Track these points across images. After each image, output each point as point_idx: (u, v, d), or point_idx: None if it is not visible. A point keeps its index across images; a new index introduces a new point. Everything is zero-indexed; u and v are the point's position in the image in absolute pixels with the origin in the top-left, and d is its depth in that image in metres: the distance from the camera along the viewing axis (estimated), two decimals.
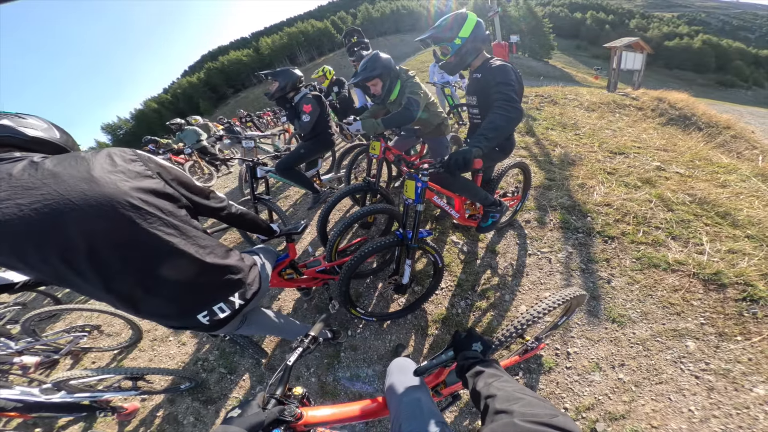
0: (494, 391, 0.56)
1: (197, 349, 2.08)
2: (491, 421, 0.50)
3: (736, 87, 48.89)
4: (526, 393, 0.54)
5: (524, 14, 35.33)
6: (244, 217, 1.11)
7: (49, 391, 1.45)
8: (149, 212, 0.73)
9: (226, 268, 0.90)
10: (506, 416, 0.48)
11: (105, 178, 0.70)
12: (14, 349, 1.77)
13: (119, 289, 0.76)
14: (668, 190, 2.41)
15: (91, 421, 1.77)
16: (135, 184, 0.73)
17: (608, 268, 1.91)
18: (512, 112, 1.35)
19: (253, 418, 0.54)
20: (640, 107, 5.00)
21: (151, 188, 0.76)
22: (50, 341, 2.08)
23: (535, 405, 0.49)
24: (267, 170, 2.57)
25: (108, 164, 0.73)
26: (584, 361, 1.50)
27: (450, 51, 1.52)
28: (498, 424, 0.47)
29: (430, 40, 1.57)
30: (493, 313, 1.80)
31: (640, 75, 7.08)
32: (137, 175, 0.75)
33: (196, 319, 0.87)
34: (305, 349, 0.76)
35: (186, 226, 0.82)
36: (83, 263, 0.69)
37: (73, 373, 1.46)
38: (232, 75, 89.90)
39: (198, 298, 0.87)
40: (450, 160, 1.26)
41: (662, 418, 1.25)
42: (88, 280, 0.72)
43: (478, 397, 0.59)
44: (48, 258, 0.67)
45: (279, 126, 8.26)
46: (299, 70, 2.51)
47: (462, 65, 1.57)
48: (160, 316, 0.86)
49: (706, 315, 1.56)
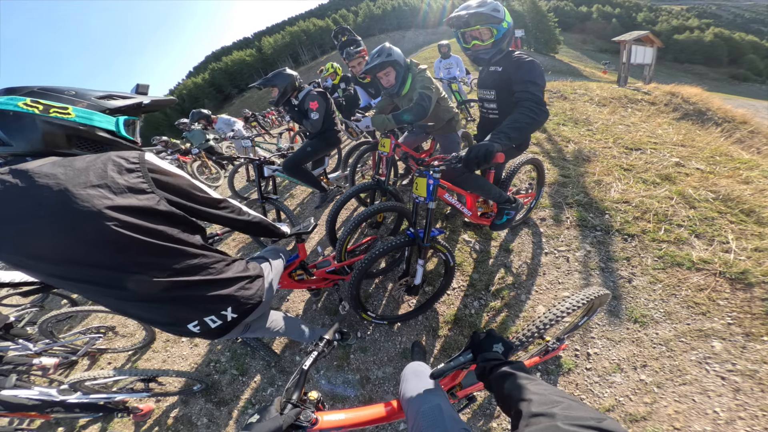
0: (528, 395, 0.52)
1: (209, 351, 2.07)
2: (527, 425, 0.46)
3: (749, 81, 47.69)
4: (563, 396, 0.51)
5: (528, 9, 34.81)
6: (258, 225, 1.07)
7: (66, 392, 1.47)
8: (126, 235, 0.67)
9: (222, 282, 0.87)
10: (546, 419, 0.45)
11: (82, 194, 0.64)
12: (33, 351, 1.79)
13: (102, 302, 0.78)
14: (689, 187, 2.33)
15: (108, 422, 1.79)
16: (116, 202, 0.66)
17: (629, 266, 1.85)
18: (540, 115, 1.29)
19: (272, 423, 0.55)
20: (653, 102, 4.87)
21: (139, 206, 0.70)
22: (68, 342, 2.10)
23: (577, 408, 0.46)
24: (274, 169, 2.55)
25: (96, 175, 0.67)
26: (605, 362, 1.46)
27: (495, 34, 1.40)
28: (539, 428, 0.44)
29: (474, 18, 1.38)
30: (509, 313, 1.76)
31: (651, 69, 6.91)
32: (126, 189, 0.69)
33: (186, 328, 0.85)
34: (320, 353, 0.76)
35: (176, 246, 0.77)
36: (61, 275, 0.69)
37: (88, 374, 1.48)
38: (236, 75, 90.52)
39: (187, 311, 0.84)
40: (470, 154, 1.18)
41: (685, 420, 1.22)
42: (73, 289, 0.73)
43: (508, 400, 0.56)
44: (35, 265, 0.68)
45: (284, 125, 8.27)
46: (299, 69, 2.47)
47: (500, 53, 1.46)
48: (150, 322, 0.86)
49: (732, 315, 1.51)
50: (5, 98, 0.66)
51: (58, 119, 0.69)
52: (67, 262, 0.67)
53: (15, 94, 0.67)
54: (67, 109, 0.71)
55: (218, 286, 0.86)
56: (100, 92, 0.79)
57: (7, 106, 0.65)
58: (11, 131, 0.66)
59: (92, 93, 0.78)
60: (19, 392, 1.36)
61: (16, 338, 1.75)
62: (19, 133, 0.66)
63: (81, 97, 0.75)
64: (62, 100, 0.72)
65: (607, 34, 56.34)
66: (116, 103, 0.80)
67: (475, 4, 1.39)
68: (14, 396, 1.34)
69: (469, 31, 1.44)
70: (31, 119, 0.66)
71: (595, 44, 60.02)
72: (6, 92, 0.68)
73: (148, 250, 0.72)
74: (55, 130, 0.69)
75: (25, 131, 0.67)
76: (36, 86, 0.70)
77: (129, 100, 0.83)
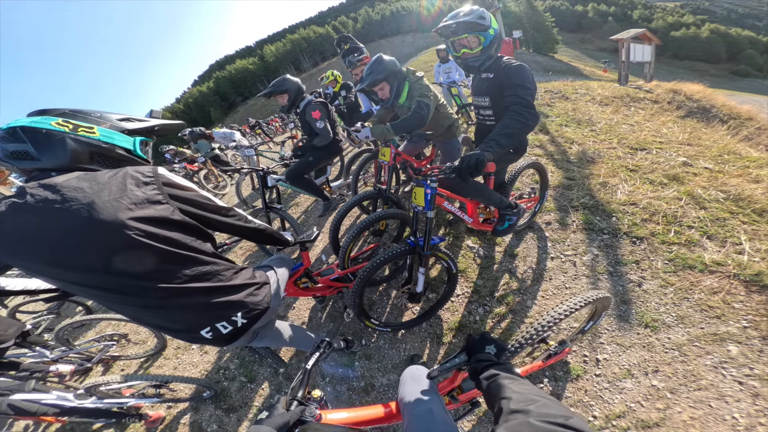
0: (509, 393, 0.56)
1: (219, 358, 2.09)
2: (506, 420, 0.50)
3: (750, 77, 47.15)
4: (541, 395, 0.54)
5: (525, 9, 34.94)
6: (263, 233, 1.11)
7: (82, 396, 1.51)
8: (146, 243, 0.72)
9: (231, 289, 0.90)
10: (522, 416, 0.48)
11: (107, 206, 0.69)
12: (50, 358, 1.83)
13: (120, 309, 0.82)
14: (698, 187, 2.29)
15: (121, 427, 1.82)
16: (137, 213, 0.72)
17: (638, 270, 1.81)
18: (529, 118, 1.30)
19: (280, 418, 0.58)
20: (656, 100, 4.83)
21: (156, 216, 0.75)
22: (83, 350, 2.15)
23: (551, 406, 0.49)
24: (277, 179, 2.58)
25: (118, 188, 0.72)
26: (615, 368, 1.43)
27: (483, 42, 1.42)
28: (513, 423, 0.48)
29: (461, 28, 1.41)
30: (515, 319, 1.73)
31: (651, 67, 6.87)
32: (144, 201, 0.74)
33: (199, 334, 0.88)
34: (321, 354, 0.80)
35: (190, 254, 0.81)
36: (82, 282, 0.73)
37: (102, 380, 1.53)
38: (240, 83, 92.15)
39: (200, 317, 0.87)
40: (461, 164, 1.20)
41: (702, 426, 1.19)
42: (92, 296, 0.77)
43: (493, 399, 0.60)
44: (57, 274, 0.71)
45: (287, 132, 8.37)
46: (300, 76, 2.52)
47: (490, 59, 1.47)
48: (164, 329, 0.89)
49: (748, 318, 1.47)
50: (40, 118, 0.74)
51: (85, 137, 0.77)
52: (90, 270, 0.71)
53: (48, 114, 0.76)
54: (92, 128, 0.79)
55: (228, 292, 0.89)
56: (119, 115, 0.88)
57: (40, 125, 0.72)
58: (41, 147, 0.72)
59: (113, 115, 0.86)
60: (37, 397, 1.40)
61: (33, 346, 1.79)
62: (48, 150, 0.73)
63: (104, 119, 0.84)
64: (89, 120, 0.80)
65: (604, 33, 56.24)
66: (133, 126, 0.89)
67: (461, 14, 1.43)
68: (32, 401, 1.38)
69: (458, 39, 1.47)
70: (61, 137, 0.74)
71: (593, 43, 59.97)
72: (40, 113, 0.77)
73: (165, 258, 0.76)
74: (81, 148, 0.76)
75: (54, 148, 0.73)
76: (67, 108, 0.80)
77: (144, 123, 0.92)
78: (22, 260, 0.70)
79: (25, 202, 0.67)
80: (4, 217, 0.67)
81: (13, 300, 3.24)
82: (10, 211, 0.67)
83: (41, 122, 0.72)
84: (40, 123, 0.72)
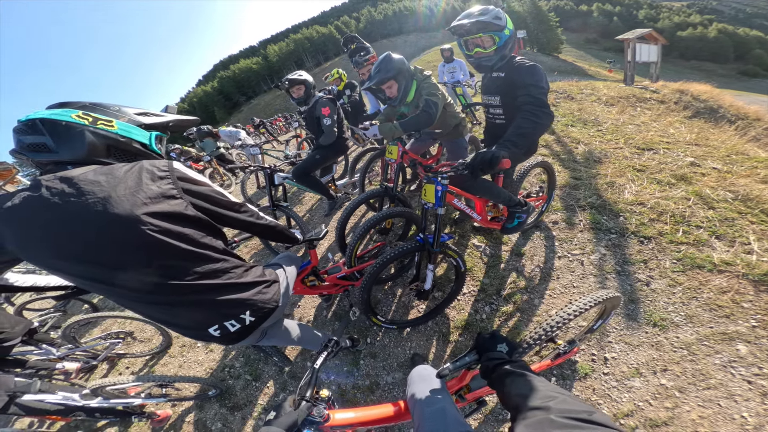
0: (526, 390, 0.55)
1: (224, 356, 2.10)
2: (524, 417, 0.48)
3: (759, 77, 46.57)
4: (559, 391, 0.53)
5: (528, 9, 34.73)
6: (274, 230, 1.10)
7: (87, 396, 1.51)
8: (160, 240, 0.71)
9: (241, 287, 0.89)
10: (542, 412, 0.47)
11: (123, 200, 0.68)
12: (56, 356, 1.84)
13: (129, 305, 0.81)
14: (706, 187, 2.28)
15: (126, 426, 1.83)
16: (152, 209, 0.71)
17: (646, 269, 1.81)
18: (544, 118, 1.29)
19: (288, 418, 0.59)
20: (662, 100, 4.80)
21: (170, 212, 0.74)
22: (89, 348, 2.16)
23: (571, 402, 0.48)
24: (284, 177, 2.60)
25: (134, 182, 0.71)
26: (623, 367, 1.43)
27: (497, 42, 1.41)
28: (533, 420, 0.46)
29: (476, 27, 1.39)
30: (522, 318, 1.73)
31: (657, 67, 6.84)
32: (159, 195, 0.73)
33: (207, 332, 0.87)
34: (329, 353, 0.80)
35: (201, 251, 0.80)
36: (93, 277, 0.72)
37: (109, 380, 1.52)
38: (244, 83, 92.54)
39: (209, 314, 0.86)
40: (475, 161, 1.19)
41: (711, 425, 1.18)
42: (102, 291, 0.76)
43: (508, 396, 0.58)
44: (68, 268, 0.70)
45: (291, 131, 8.40)
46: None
47: (503, 59, 1.47)
48: (173, 326, 0.88)
49: (757, 317, 1.46)
50: (61, 110, 0.73)
51: (104, 131, 0.77)
52: (102, 265, 0.70)
53: (68, 107, 0.75)
54: (111, 122, 0.79)
55: (238, 289, 0.88)
56: (136, 109, 0.87)
57: (61, 117, 0.72)
58: (60, 140, 0.71)
59: (131, 109, 0.86)
60: (43, 396, 1.40)
61: (39, 343, 1.79)
62: (67, 142, 0.72)
63: (122, 113, 0.83)
64: (108, 114, 0.80)
65: (609, 33, 55.80)
66: (149, 120, 0.88)
67: (476, 12, 1.41)
68: (39, 401, 1.38)
69: (472, 39, 1.46)
70: (80, 130, 0.73)
71: (599, 43, 59.54)
72: (60, 105, 0.76)
73: (176, 254, 0.75)
74: (99, 141, 0.76)
75: (72, 140, 0.72)
76: (87, 101, 0.80)
77: (160, 118, 0.92)
78: (34, 254, 0.68)
79: (40, 195, 0.65)
80: (17, 210, 0.65)
81: (20, 297, 3.27)
82: (24, 203, 0.65)
83: (62, 114, 0.72)
84: (60, 115, 0.71)
